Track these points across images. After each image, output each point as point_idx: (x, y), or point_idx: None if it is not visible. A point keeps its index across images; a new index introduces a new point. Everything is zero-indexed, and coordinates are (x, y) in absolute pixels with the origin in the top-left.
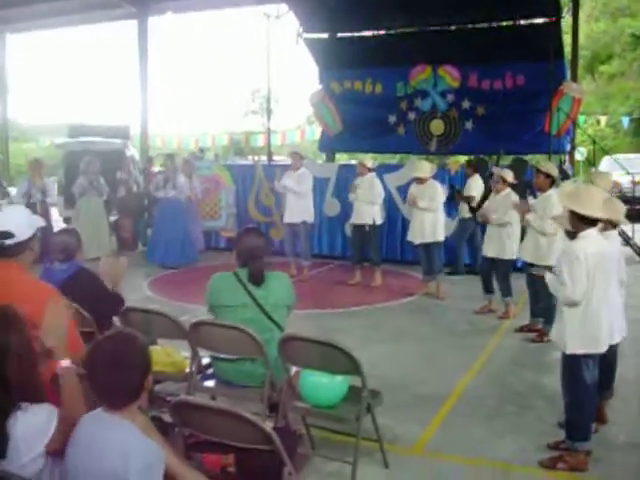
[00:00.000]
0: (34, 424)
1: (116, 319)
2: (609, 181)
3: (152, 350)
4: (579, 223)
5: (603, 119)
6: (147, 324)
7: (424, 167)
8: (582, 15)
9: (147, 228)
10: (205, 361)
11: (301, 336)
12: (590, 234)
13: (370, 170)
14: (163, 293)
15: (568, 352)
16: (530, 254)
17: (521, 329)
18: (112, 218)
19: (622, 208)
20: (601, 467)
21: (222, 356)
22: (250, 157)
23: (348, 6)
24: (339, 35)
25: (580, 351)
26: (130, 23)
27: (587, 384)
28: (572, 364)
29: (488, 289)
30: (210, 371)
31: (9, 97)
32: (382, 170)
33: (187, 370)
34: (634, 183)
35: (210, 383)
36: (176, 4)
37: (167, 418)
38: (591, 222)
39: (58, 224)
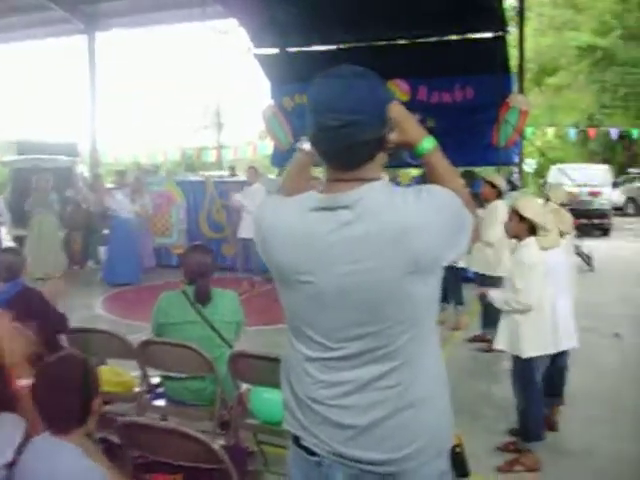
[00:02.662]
0: None
1: (64, 339)
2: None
3: (100, 370)
4: (523, 230)
5: (550, 131)
6: (95, 344)
7: None
8: (529, 29)
9: (97, 246)
10: (155, 380)
11: (251, 353)
12: (532, 242)
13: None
14: (114, 311)
15: (525, 356)
16: (479, 264)
17: (473, 339)
18: (61, 235)
19: (569, 219)
20: (553, 473)
21: (172, 375)
22: (202, 173)
23: (298, 21)
24: (290, 50)
25: (534, 354)
26: (79, 38)
27: (538, 385)
28: (525, 367)
29: (444, 298)
30: (160, 390)
31: None
32: None
33: (136, 390)
34: (592, 194)
35: (160, 402)
36: (124, 20)
37: (116, 439)
38: (532, 230)
39: (7, 243)
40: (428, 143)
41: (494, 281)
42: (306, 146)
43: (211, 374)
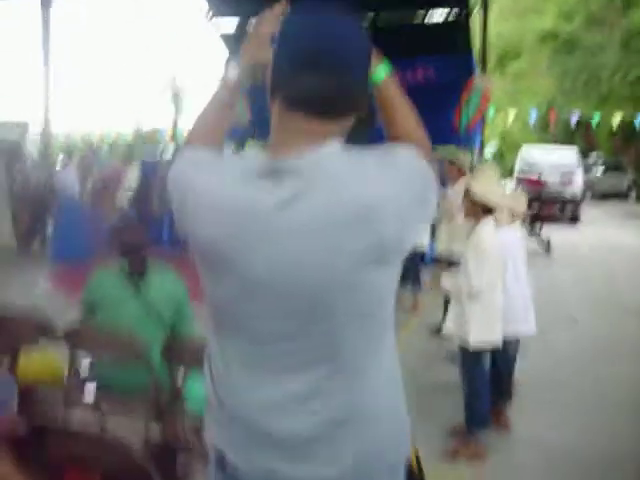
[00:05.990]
0: None
1: None
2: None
3: (25, 356)
4: (477, 210)
5: (511, 113)
6: (18, 328)
7: None
8: (492, 14)
9: (46, 222)
10: (85, 365)
11: (185, 337)
12: (488, 223)
13: None
14: (62, 288)
15: (473, 345)
16: (445, 245)
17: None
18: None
19: (524, 201)
20: (502, 462)
21: (103, 360)
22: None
23: None
24: (252, 19)
25: (483, 344)
26: (29, 11)
27: (485, 373)
28: (473, 356)
29: (402, 279)
30: (91, 377)
31: None
32: None
33: (65, 377)
34: (564, 179)
35: (92, 390)
36: None
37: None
38: (488, 211)
39: None
40: (383, 70)
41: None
42: (232, 74)
43: (144, 359)
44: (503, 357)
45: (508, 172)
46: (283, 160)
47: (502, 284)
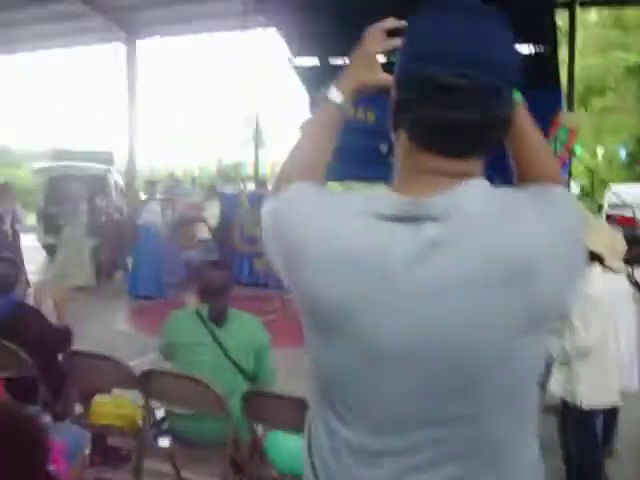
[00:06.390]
0: None
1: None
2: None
3: (99, 401)
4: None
5: (599, 150)
6: (94, 371)
7: None
8: (577, 50)
9: (128, 256)
10: (160, 413)
11: (268, 392)
12: (597, 271)
13: None
14: (140, 326)
15: (584, 407)
16: None
17: None
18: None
19: (623, 245)
20: None
21: (178, 410)
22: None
23: (341, 30)
24: (331, 62)
25: (596, 404)
26: (119, 46)
27: (596, 435)
28: (584, 419)
29: None
30: (166, 426)
31: None
32: None
33: (140, 425)
34: None
35: (165, 441)
36: (164, 28)
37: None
38: (597, 257)
39: (38, 251)
40: (516, 95)
41: None
42: (336, 96)
43: (222, 412)
44: (608, 414)
45: (597, 210)
46: (416, 202)
47: (614, 338)
